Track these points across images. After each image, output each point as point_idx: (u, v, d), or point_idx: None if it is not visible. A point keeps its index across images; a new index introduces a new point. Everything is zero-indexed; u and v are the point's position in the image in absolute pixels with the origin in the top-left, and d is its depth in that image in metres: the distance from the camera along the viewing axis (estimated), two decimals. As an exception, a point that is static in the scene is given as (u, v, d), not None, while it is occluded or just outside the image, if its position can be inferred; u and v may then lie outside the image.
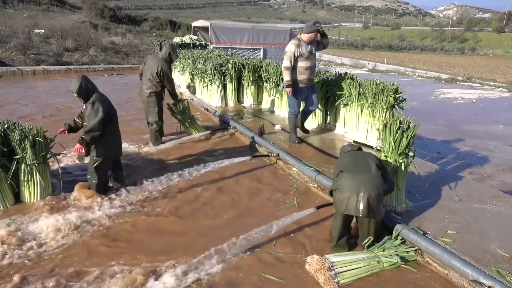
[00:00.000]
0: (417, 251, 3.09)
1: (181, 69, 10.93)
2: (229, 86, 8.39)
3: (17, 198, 3.91)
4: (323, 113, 6.54)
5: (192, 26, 16.46)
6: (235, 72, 8.20)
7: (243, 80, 8.36)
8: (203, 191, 4.33)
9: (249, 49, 14.39)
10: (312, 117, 6.63)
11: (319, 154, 5.24)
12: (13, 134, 3.78)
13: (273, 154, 5.21)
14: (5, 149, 3.78)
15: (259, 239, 3.24)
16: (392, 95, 5.20)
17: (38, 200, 3.90)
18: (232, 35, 14.29)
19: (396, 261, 2.93)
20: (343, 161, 3.26)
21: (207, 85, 8.58)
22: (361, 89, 5.57)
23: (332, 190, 3.13)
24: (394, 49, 62.08)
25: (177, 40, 13.13)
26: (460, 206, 3.77)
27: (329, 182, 4.03)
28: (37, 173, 3.86)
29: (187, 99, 9.25)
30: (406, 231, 3.17)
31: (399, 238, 3.17)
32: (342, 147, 3.59)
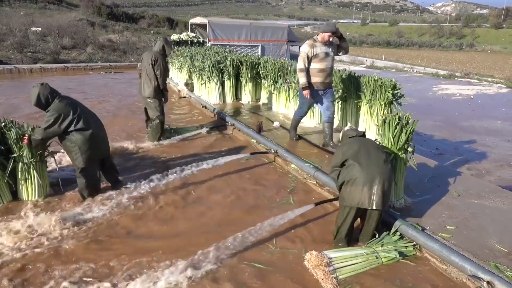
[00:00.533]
0: (416, 246, 3.10)
1: (179, 67, 10.90)
2: (227, 83, 8.38)
3: (15, 196, 3.91)
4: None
5: (190, 23, 16.41)
6: (233, 69, 8.19)
7: (241, 77, 8.34)
8: (200, 189, 4.32)
9: (247, 46, 14.36)
10: (310, 114, 6.63)
11: (317, 150, 5.24)
12: (9, 132, 3.77)
13: (272, 151, 5.20)
14: (2, 148, 3.77)
15: (257, 236, 3.23)
16: (390, 91, 5.20)
17: (36, 198, 3.89)
18: (230, 32, 14.25)
19: (395, 256, 2.94)
20: (348, 148, 3.14)
21: (205, 83, 8.56)
22: (360, 85, 5.57)
23: (342, 183, 3.05)
24: (392, 46, 62.01)
25: (174, 37, 13.09)
26: (459, 201, 3.77)
27: (328, 178, 4.03)
28: (35, 172, 3.85)
29: (184, 96, 9.25)
30: (404, 226, 3.17)
31: (397, 233, 3.17)
32: (345, 131, 3.51)
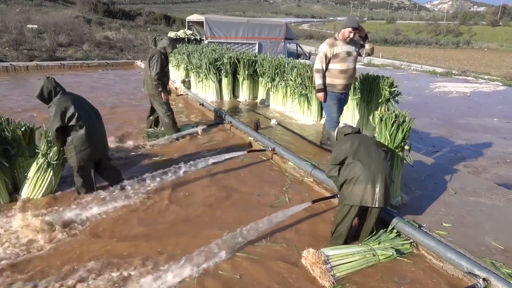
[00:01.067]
0: (412, 243, 3.11)
1: (176, 64, 10.87)
2: (224, 81, 8.36)
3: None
4: (319, 107, 6.53)
5: (187, 20, 16.32)
6: (230, 67, 8.17)
7: (238, 74, 8.33)
8: (196, 187, 4.31)
9: (244, 44, 14.31)
10: (307, 111, 6.64)
11: (314, 148, 5.24)
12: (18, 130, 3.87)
13: (269, 149, 5.19)
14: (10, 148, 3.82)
15: (253, 234, 3.22)
16: (388, 89, 5.20)
17: (39, 197, 3.90)
18: (227, 30, 14.20)
19: (392, 253, 2.95)
20: (347, 146, 3.10)
21: (202, 80, 8.54)
22: (356, 83, 5.56)
23: (343, 182, 3.01)
24: (389, 43, 62.08)
25: (171, 34, 13.03)
26: (455, 199, 3.79)
27: (325, 176, 4.03)
28: (51, 172, 3.91)
29: (182, 94, 9.23)
30: (401, 224, 3.18)
31: (394, 231, 3.18)
32: (340, 128, 3.49)
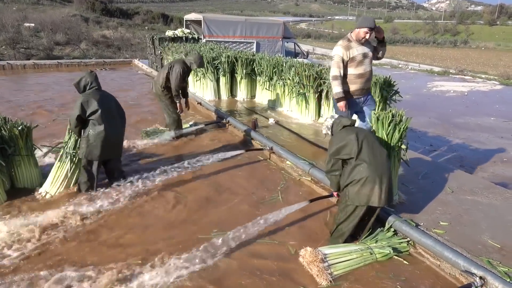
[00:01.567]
0: (410, 242, 3.12)
1: (173, 63, 10.84)
2: (222, 80, 8.35)
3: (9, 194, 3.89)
4: (316, 106, 6.54)
5: (185, 19, 16.27)
6: (228, 66, 8.16)
7: (236, 73, 8.32)
8: (194, 186, 4.31)
9: (242, 43, 14.29)
10: (305, 111, 6.64)
11: (312, 147, 5.24)
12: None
13: (267, 148, 5.20)
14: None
15: (249, 233, 3.22)
16: (386, 88, 5.21)
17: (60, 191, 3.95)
18: (225, 28, 14.17)
19: (389, 252, 2.96)
20: (352, 138, 2.99)
21: (200, 79, 8.53)
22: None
23: (348, 183, 2.96)
24: (387, 42, 61.93)
25: (169, 33, 12.98)
26: (452, 197, 3.80)
27: (323, 175, 4.03)
28: (68, 163, 3.95)
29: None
30: (398, 223, 3.19)
31: (391, 230, 3.19)
32: (336, 118, 3.36)
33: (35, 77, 12.07)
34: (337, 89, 4.14)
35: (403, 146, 3.51)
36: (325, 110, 6.46)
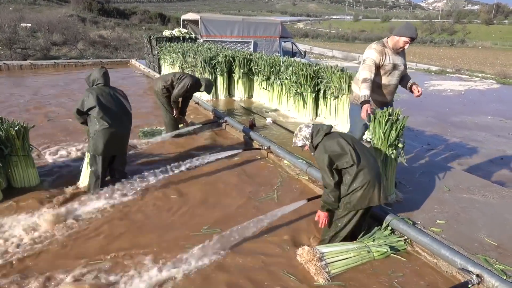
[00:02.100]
0: (407, 241, 3.13)
1: (171, 63, 10.83)
2: (219, 80, 8.35)
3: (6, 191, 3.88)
4: (314, 105, 6.54)
5: (182, 19, 16.26)
6: (225, 65, 8.16)
7: (233, 73, 8.32)
8: (191, 185, 4.31)
9: (239, 42, 14.29)
10: (302, 109, 6.65)
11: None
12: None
13: (264, 147, 5.20)
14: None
15: (246, 232, 3.23)
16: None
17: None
18: (222, 28, 14.16)
19: (386, 250, 2.96)
20: (342, 153, 2.81)
21: (197, 79, 8.51)
22: (351, 81, 5.57)
23: (349, 192, 2.85)
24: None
25: (166, 33, 12.96)
26: (449, 196, 3.81)
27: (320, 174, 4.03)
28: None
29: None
30: (396, 221, 3.20)
31: (388, 228, 3.20)
32: (316, 126, 3.03)
33: (32, 77, 12.03)
34: (365, 91, 3.72)
35: (400, 145, 3.52)
36: (322, 109, 6.47)
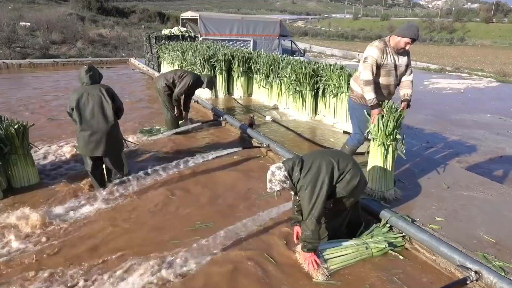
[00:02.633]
0: (405, 237, 3.14)
1: (170, 61, 10.82)
2: (219, 78, 8.35)
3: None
4: (313, 103, 6.55)
5: (181, 17, 16.25)
6: (224, 64, 8.16)
7: (233, 71, 8.32)
8: (190, 183, 4.32)
9: (238, 41, 14.28)
10: (302, 109, 6.65)
11: (309, 145, 5.26)
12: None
13: (264, 146, 5.21)
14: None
15: (248, 229, 3.24)
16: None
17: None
18: (222, 27, 14.16)
19: (384, 246, 2.97)
20: (326, 181, 2.64)
21: (196, 77, 8.51)
22: (350, 78, 5.57)
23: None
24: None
25: (165, 32, 12.96)
26: (448, 193, 3.82)
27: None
28: None
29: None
30: (394, 218, 3.21)
31: (387, 225, 3.21)
32: (287, 167, 2.71)
33: (31, 76, 12.03)
34: (371, 95, 3.65)
35: (398, 136, 3.50)
36: (321, 107, 6.47)
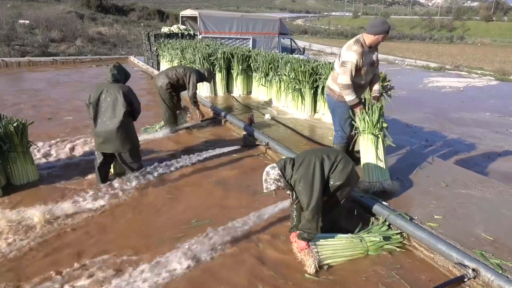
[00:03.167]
0: (403, 234, 3.15)
1: (169, 59, 10.82)
2: (218, 76, 8.34)
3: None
4: (312, 102, 6.55)
5: (181, 15, 16.24)
6: (224, 62, 8.15)
7: (232, 69, 8.32)
8: (189, 181, 4.33)
9: (238, 39, 14.27)
10: (301, 107, 6.66)
11: (308, 143, 5.26)
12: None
13: (263, 144, 5.21)
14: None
15: (247, 225, 3.27)
16: (380, 83, 5.22)
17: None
18: (221, 25, 14.14)
19: (379, 239, 2.98)
20: (317, 173, 2.73)
21: (196, 75, 8.50)
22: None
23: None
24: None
25: (165, 30, 12.93)
26: (446, 191, 3.83)
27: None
28: None
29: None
30: (393, 216, 3.22)
31: (386, 223, 3.22)
32: (281, 166, 2.79)
33: (30, 74, 12.01)
34: (351, 97, 3.73)
35: (384, 125, 3.62)
36: (321, 105, 6.48)
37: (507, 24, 70.63)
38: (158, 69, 11.81)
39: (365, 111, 3.73)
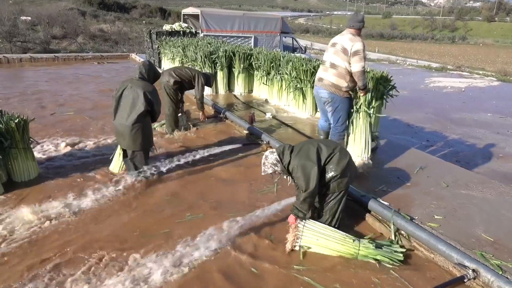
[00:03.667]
0: (400, 232, 3.16)
1: (171, 57, 10.81)
2: (219, 74, 8.34)
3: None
4: (313, 101, 6.54)
5: (182, 13, 16.19)
6: (225, 60, 8.15)
7: (233, 68, 8.31)
8: (190, 179, 4.33)
9: (240, 37, 14.24)
10: (303, 106, 6.65)
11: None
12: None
13: (264, 142, 5.21)
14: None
15: (254, 220, 3.30)
16: (382, 83, 5.21)
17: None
18: (223, 23, 14.11)
19: (373, 248, 2.89)
20: (313, 158, 2.84)
21: (197, 73, 8.50)
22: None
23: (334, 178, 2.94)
24: (385, 38, 61.92)
25: (167, 27, 12.91)
26: (447, 192, 3.83)
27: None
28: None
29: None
30: (394, 217, 3.22)
31: (396, 239, 3.15)
32: (279, 152, 2.94)
33: (32, 70, 12.02)
34: (366, 80, 4.09)
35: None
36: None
37: (509, 24, 70.53)
38: (160, 67, 11.80)
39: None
